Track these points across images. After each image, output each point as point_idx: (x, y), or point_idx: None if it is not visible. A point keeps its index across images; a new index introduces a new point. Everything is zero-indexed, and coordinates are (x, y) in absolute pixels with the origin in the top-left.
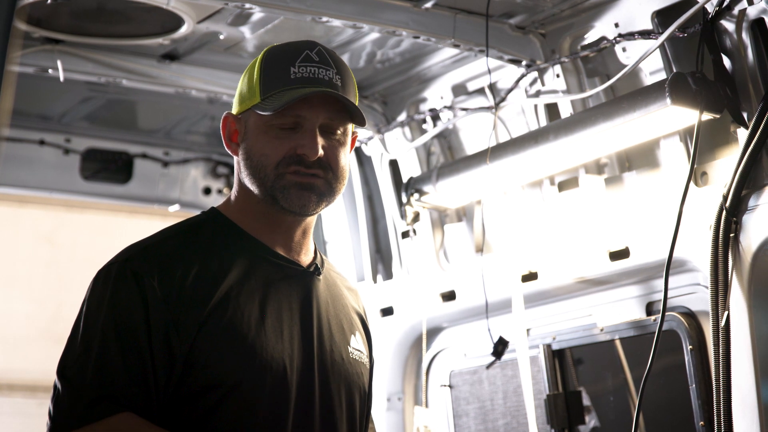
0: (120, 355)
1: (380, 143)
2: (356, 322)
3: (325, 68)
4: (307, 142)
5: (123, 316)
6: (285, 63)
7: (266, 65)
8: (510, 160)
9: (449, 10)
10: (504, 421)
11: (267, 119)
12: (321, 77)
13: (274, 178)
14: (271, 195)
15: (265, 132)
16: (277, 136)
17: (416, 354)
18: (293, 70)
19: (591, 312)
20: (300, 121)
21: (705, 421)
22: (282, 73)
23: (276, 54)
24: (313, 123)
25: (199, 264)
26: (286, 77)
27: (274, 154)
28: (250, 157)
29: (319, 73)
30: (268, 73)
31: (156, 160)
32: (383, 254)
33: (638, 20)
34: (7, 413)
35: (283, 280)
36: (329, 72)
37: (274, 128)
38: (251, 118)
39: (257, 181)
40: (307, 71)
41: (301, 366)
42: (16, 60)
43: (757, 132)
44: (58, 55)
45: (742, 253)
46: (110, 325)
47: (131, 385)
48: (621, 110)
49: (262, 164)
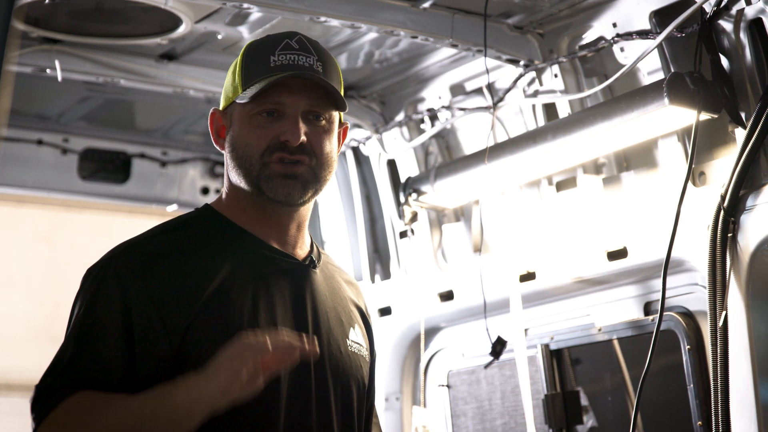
0: (88, 346)
1: (378, 143)
2: (355, 315)
3: (306, 55)
4: (289, 128)
5: (100, 313)
6: (265, 53)
7: (247, 57)
8: (508, 160)
9: (447, 10)
10: (502, 421)
11: (248, 109)
12: (301, 63)
13: (260, 167)
14: (256, 185)
15: (247, 122)
16: (260, 125)
17: (414, 354)
18: (273, 59)
19: (589, 312)
20: (281, 108)
21: (703, 421)
22: (262, 62)
23: (256, 46)
24: (294, 109)
25: (188, 260)
26: (266, 66)
27: (257, 143)
28: (235, 148)
29: (299, 60)
30: (248, 64)
31: (154, 160)
32: (381, 254)
33: (636, 20)
34: (6, 413)
35: (277, 274)
36: (309, 58)
37: (256, 117)
38: (235, 111)
39: (243, 171)
40: (287, 58)
41: None
42: (14, 60)
43: (755, 132)
44: (56, 55)
45: (740, 253)
46: (87, 323)
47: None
48: (619, 110)
49: (246, 154)
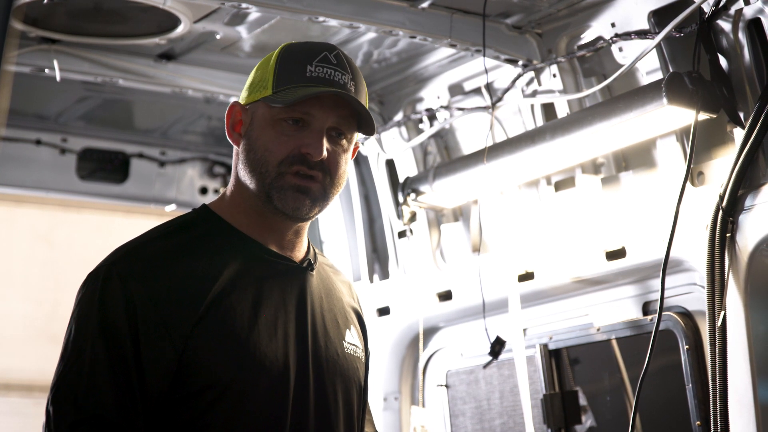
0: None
1: (377, 143)
2: (351, 316)
3: (342, 72)
4: (312, 141)
5: (110, 325)
6: (302, 60)
7: (283, 59)
8: (507, 159)
9: (446, 9)
10: (500, 420)
11: (275, 112)
12: (336, 80)
13: (275, 176)
14: (266, 193)
15: (271, 126)
16: (284, 132)
17: (413, 354)
18: (309, 69)
19: (588, 312)
20: (308, 119)
21: (701, 421)
22: (298, 69)
23: (294, 50)
24: (321, 123)
25: (189, 263)
26: (302, 74)
27: (278, 150)
28: (254, 149)
29: (335, 75)
30: (283, 67)
31: (152, 160)
32: (380, 254)
33: (635, 20)
34: (4, 413)
35: (276, 277)
36: (345, 76)
37: (281, 123)
38: (259, 110)
39: (256, 175)
40: (324, 72)
41: (295, 364)
42: (12, 60)
43: (753, 132)
44: (55, 55)
45: (739, 253)
46: (99, 337)
47: (115, 402)
48: (617, 110)
49: (265, 159)
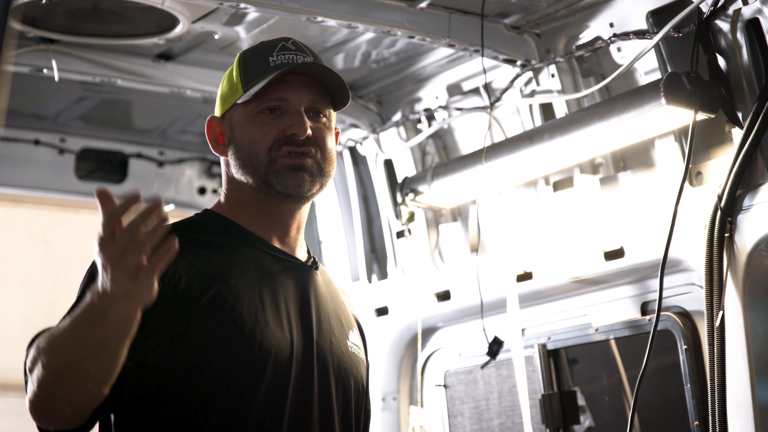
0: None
1: (375, 143)
2: (353, 321)
3: (303, 54)
4: (294, 122)
5: None
6: (263, 55)
7: (245, 61)
8: (505, 159)
9: (444, 9)
10: (499, 420)
11: (251, 108)
12: (299, 62)
13: (268, 163)
14: (265, 181)
15: (251, 121)
16: (264, 122)
17: (411, 354)
18: (272, 59)
19: (586, 312)
20: (284, 105)
21: (700, 421)
22: (261, 63)
23: (252, 51)
24: (297, 104)
25: (193, 257)
26: (266, 66)
27: (263, 140)
28: (241, 148)
29: (296, 58)
30: (247, 67)
31: (151, 160)
32: (378, 254)
33: (633, 20)
34: (2, 413)
35: (281, 273)
36: (307, 58)
37: (260, 116)
38: (236, 113)
39: (250, 169)
40: (286, 57)
41: (300, 355)
42: (10, 59)
43: (751, 132)
44: (53, 55)
45: (737, 253)
46: None
47: None
48: (616, 110)
49: (253, 152)
